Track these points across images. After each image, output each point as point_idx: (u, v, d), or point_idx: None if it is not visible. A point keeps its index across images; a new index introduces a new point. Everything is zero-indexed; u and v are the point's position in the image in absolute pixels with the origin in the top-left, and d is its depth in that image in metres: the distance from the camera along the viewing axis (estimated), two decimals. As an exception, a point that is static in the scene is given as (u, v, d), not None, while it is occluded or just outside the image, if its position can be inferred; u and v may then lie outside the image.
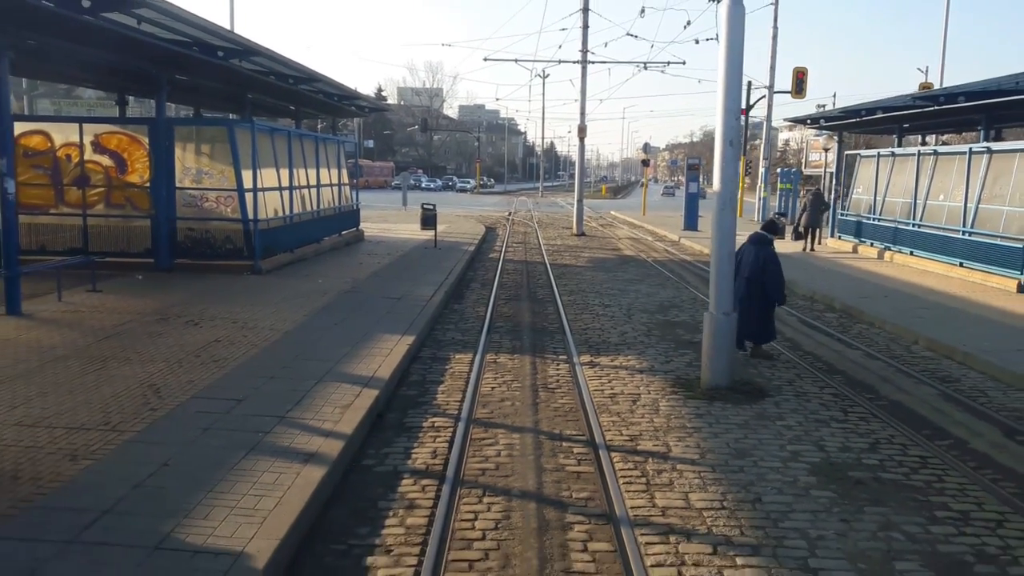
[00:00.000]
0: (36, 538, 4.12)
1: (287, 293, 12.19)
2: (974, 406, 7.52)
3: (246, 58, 14.23)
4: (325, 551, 4.44)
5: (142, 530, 4.24)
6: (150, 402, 6.46)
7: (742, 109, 39.75)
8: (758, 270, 9.08)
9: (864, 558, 4.43)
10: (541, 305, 12.82)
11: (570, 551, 4.49)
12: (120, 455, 5.32)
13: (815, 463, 5.89)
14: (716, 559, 4.40)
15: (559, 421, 6.84)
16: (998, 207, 14.53)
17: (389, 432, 6.46)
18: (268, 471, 5.10)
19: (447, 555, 4.39)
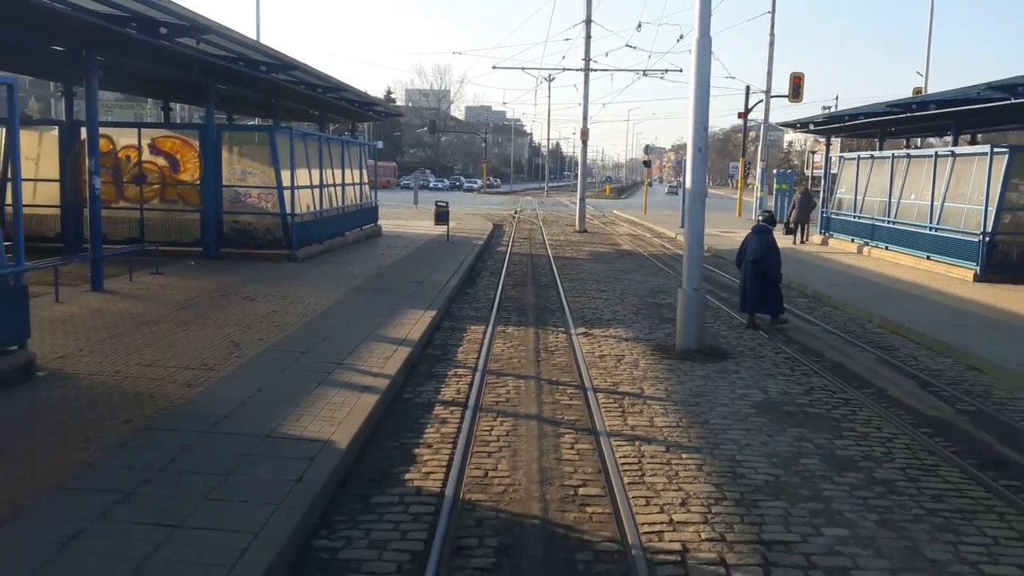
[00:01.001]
0: (182, 430, 5.79)
1: (323, 277, 13.88)
2: (902, 367, 9.13)
3: (284, 71, 15.95)
4: (384, 445, 6.10)
5: (255, 427, 5.91)
6: (234, 352, 8.15)
7: (740, 113, 41.38)
8: (761, 254, 10.93)
9: (777, 456, 6.06)
10: (544, 290, 14.46)
11: (561, 448, 6.14)
12: (223, 384, 7.00)
13: (757, 401, 7.52)
14: (668, 455, 6.03)
15: (556, 372, 8.49)
16: (960, 205, 16.10)
17: (421, 378, 8.11)
18: (336, 396, 6.76)
19: (472, 448, 6.05)
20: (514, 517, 4.91)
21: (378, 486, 5.31)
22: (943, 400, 7.79)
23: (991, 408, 7.51)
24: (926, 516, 5.02)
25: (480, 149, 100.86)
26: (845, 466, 5.88)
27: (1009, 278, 14.63)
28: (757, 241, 11.22)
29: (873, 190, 20.15)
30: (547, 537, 4.67)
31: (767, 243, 11.20)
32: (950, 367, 9.15)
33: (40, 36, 11.41)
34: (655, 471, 5.68)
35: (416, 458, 5.86)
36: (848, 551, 4.51)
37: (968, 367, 9.13)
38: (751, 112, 42.08)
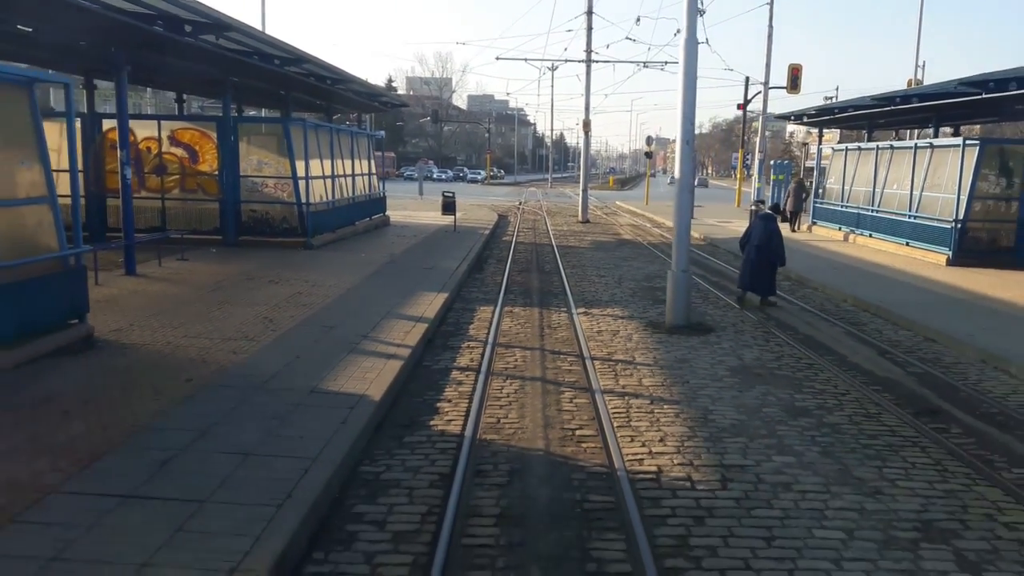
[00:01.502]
0: (237, 386, 6.82)
1: (339, 263, 14.90)
2: (865, 338, 10.14)
3: (295, 64, 16.89)
4: (410, 400, 7.12)
5: (298, 384, 6.94)
6: (269, 326, 9.18)
7: (739, 104, 42.24)
8: (766, 240, 12.04)
9: (744, 406, 7.09)
10: (547, 275, 15.47)
11: (561, 402, 7.17)
12: (264, 352, 8.03)
13: (732, 366, 8.54)
14: (651, 406, 7.06)
15: (558, 344, 9.52)
16: (936, 194, 17.08)
17: (438, 349, 9.14)
18: (365, 362, 7.78)
19: (485, 402, 7.07)
20: (522, 451, 5.94)
21: (408, 430, 6.35)
22: (897, 364, 8.82)
23: (937, 371, 8.54)
24: (860, 448, 6.05)
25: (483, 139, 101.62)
26: (800, 413, 6.91)
27: (978, 262, 15.65)
28: (763, 228, 12.28)
29: (859, 180, 21.13)
30: (549, 464, 5.70)
31: (772, 229, 12.28)
32: (909, 339, 10.17)
33: (72, 33, 12.33)
34: (640, 418, 6.71)
35: (439, 410, 6.89)
36: (791, 472, 5.55)
37: (925, 339, 10.15)
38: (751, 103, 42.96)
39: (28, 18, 10.66)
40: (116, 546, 4.04)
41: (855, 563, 4.36)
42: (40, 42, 12.91)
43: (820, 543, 4.58)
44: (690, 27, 10.50)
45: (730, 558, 4.39)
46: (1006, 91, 15.06)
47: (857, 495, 5.24)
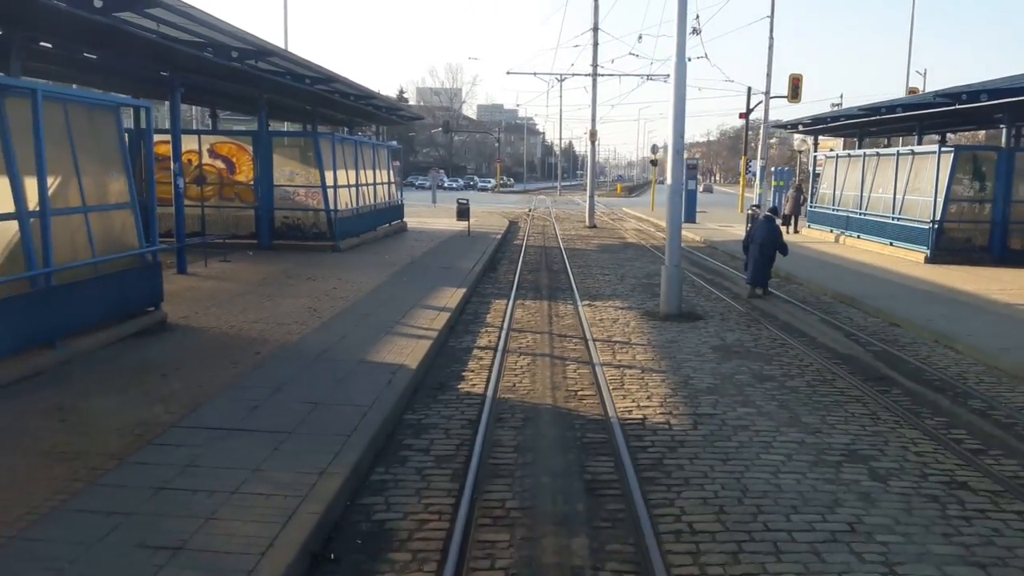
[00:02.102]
0: (298, 358, 8.24)
1: (366, 264, 16.34)
2: (836, 324, 11.47)
3: (324, 83, 18.40)
4: (439, 371, 8.52)
5: (348, 356, 8.34)
6: (315, 314, 10.61)
7: (742, 114, 43.58)
8: (769, 238, 13.53)
9: (719, 374, 8.44)
10: (556, 274, 16.85)
11: (566, 372, 8.55)
12: (315, 333, 9.45)
13: (714, 345, 9.90)
14: (642, 374, 8.43)
15: (564, 329, 10.90)
16: (917, 198, 18.37)
17: (460, 333, 10.53)
18: (400, 341, 9.18)
19: (503, 372, 8.46)
20: (534, 405, 7.33)
21: (440, 391, 7.74)
22: (859, 344, 10.15)
23: (893, 349, 9.86)
24: (811, 403, 7.41)
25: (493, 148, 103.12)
26: (766, 379, 8.26)
27: (954, 260, 16.93)
28: (765, 228, 13.84)
29: (849, 185, 22.43)
30: (556, 414, 7.08)
31: (773, 228, 13.90)
32: (875, 324, 11.49)
33: (134, 59, 13.83)
34: (631, 383, 8.08)
35: (464, 377, 8.28)
36: (750, 418, 6.90)
37: (890, 324, 11.47)
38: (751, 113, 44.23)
39: (99, 47, 12.14)
40: (232, 459, 5.44)
41: (788, 475, 5.71)
42: (98, 66, 14.43)
43: (764, 463, 5.93)
44: (679, 50, 11.91)
45: (694, 471, 5.75)
46: (977, 102, 16.35)
47: (800, 433, 6.59)
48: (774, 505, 5.20)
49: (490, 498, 5.26)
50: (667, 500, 5.26)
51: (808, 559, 4.50)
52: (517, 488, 5.45)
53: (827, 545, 4.67)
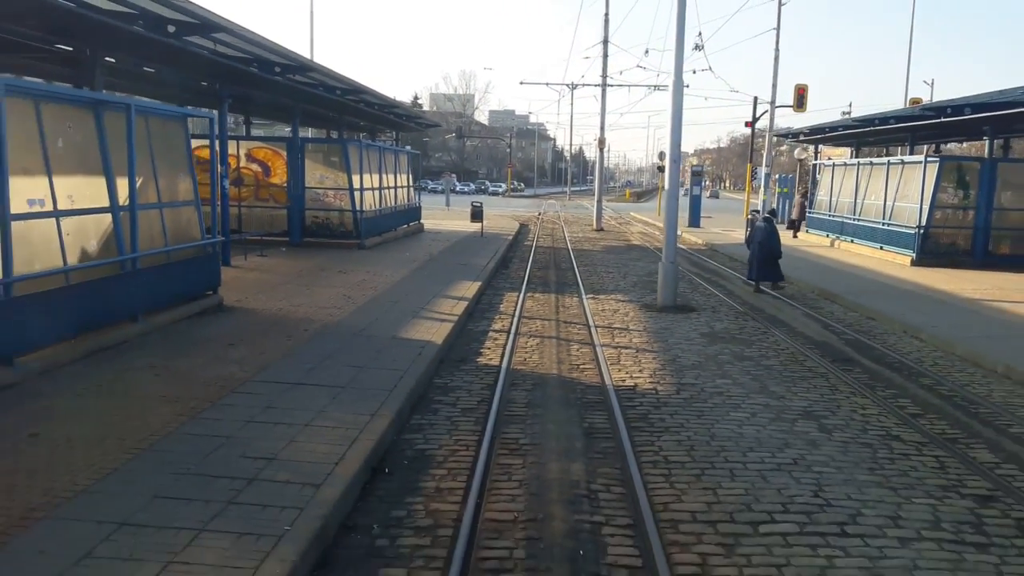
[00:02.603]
0: (340, 335, 9.58)
1: (389, 260, 17.71)
2: (817, 317, 12.71)
3: (353, 94, 19.80)
4: (460, 348, 9.84)
5: (382, 334, 9.68)
6: (349, 300, 11.96)
7: (747, 122, 44.74)
8: (767, 238, 14.98)
9: (704, 354, 9.71)
10: (563, 272, 18.15)
11: (570, 350, 9.86)
12: (352, 316, 10.80)
13: (703, 332, 11.17)
14: (636, 353, 9.72)
15: (569, 317, 12.20)
16: (905, 204, 19.57)
17: (477, 319, 11.85)
18: (426, 323, 10.51)
19: (515, 350, 9.77)
20: (542, 374, 8.64)
21: (462, 363, 9.06)
22: (834, 333, 11.40)
23: (864, 338, 11.11)
24: (780, 378, 8.69)
25: (504, 153, 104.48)
26: (744, 358, 9.55)
27: (938, 262, 18.11)
28: (764, 229, 15.31)
29: (844, 193, 23.64)
30: (560, 381, 8.39)
31: (771, 230, 15.39)
32: (853, 318, 12.74)
33: (191, 73, 15.25)
34: (626, 360, 9.38)
35: (482, 353, 9.60)
36: (725, 387, 8.19)
37: (866, 318, 12.71)
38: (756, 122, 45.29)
39: (163, 64, 13.54)
40: (300, 404, 6.77)
41: (750, 426, 6.99)
42: (156, 79, 15.88)
43: (731, 418, 7.21)
44: (677, 69, 13.24)
45: (673, 423, 7.03)
46: (961, 115, 17.56)
47: (765, 399, 7.87)
48: (735, 446, 6.48)
49: (507, 437, 6.57)
50: (648, 441, 6.55)
51: (755, 480, 5.78)
52: (528, 431, 6.76)
53: (772, 472, 5.95)
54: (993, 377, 9.06)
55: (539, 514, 5.12)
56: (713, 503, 5.33)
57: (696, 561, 4.54)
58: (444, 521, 4.97)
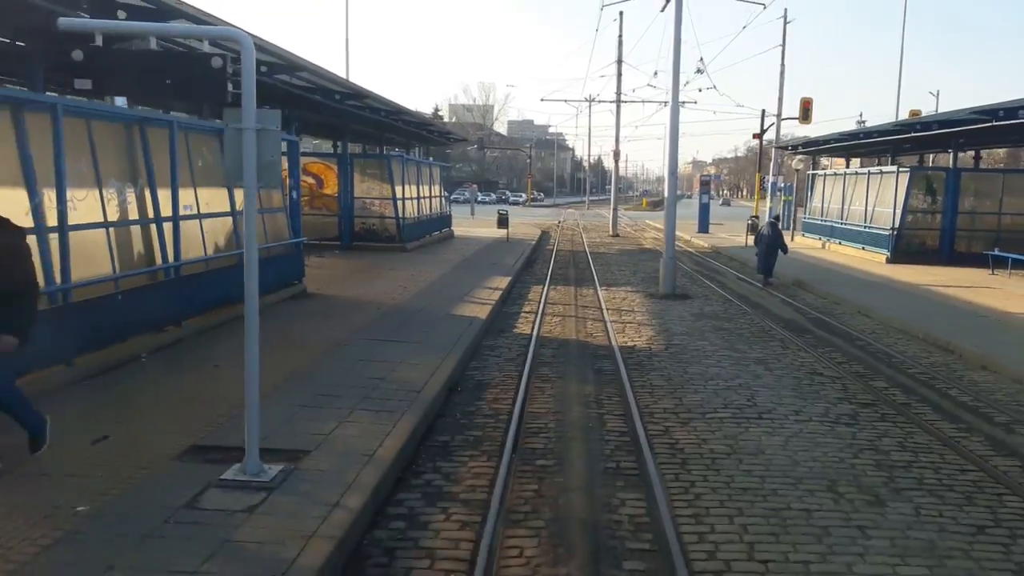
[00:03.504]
0: (403, 312, 12.33)
1: (429, 260, 20.48)
2: (790, 302, 15.28)
3: (396, 116, 22.62)
4: (499, 322, 12.54)
5: (437, 313, 12.41)
6: (405, 289, 14.72)
7: (755, 135, 47.18)
8: (774, 239, 17.50)
9: (691, 327, 12.34)
10: (581, 270, 20.81)
11: (587, 324, 12.53)
12: (410, 300, 13.55)
13: (694, 313, 13.80)
14: (638, 326, 12.37)
15: (586, 303, 14.87)
16: (883, 209, 22.05)
17: (510, 304, 14.55)
18: (470, 305, 13.22)
19: (542, 324, 12.45)
20: (564, 339, 11.32)
21: (502, 332, 11.75)
22: (801, 314, 13.98)
23: (825, 316, 13.67)
24: (745, 341, 11.31)
25: (523, 164, 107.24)
26: (722, 329, 12.18)
27: (909, 260, 20.57)
28: (770, 231, 17.99)
29: (833, 200, 26.14)
30: (577, 343, 11.07)
31: (777, 232, 18.07)
32: (820, 303, 15.30)
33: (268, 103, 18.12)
34: (630, 331, 12.03)
35: (516, 326, 12.30)
36: (701, 347, 10.84)
37: (832, 302, 15.26)
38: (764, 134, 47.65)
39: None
40: (391, 352, 9.48)
41: (713, 368, 9.60)
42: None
43: (701, 364, 9.83)
44: (674, 93, 15.92)
45: (659, 367, 9.67)
46: (930, 131, 20.04)
47: (730, 352, 10.49)
48: (700, 378, 9.12)
49: (539, 374, 9.25)
50: (640, 376, 9.19)
51: (709, 394, 8.39)
52: (555, 371, 9.44)
53: (722, 390, 8.56)
54: (913, 340, 11.63)
55: (563, 408, 7.80)
56: (678, 405, 7.98)
57: (661, 431, 7.17)
58: (502, 411, 7.65)
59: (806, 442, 6.91)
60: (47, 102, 7.62)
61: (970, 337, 11.26)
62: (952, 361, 10.37)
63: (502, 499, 5.52)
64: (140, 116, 9.83)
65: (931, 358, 10.55)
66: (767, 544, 4.97)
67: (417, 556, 4.76)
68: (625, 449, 6.69)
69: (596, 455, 6.57)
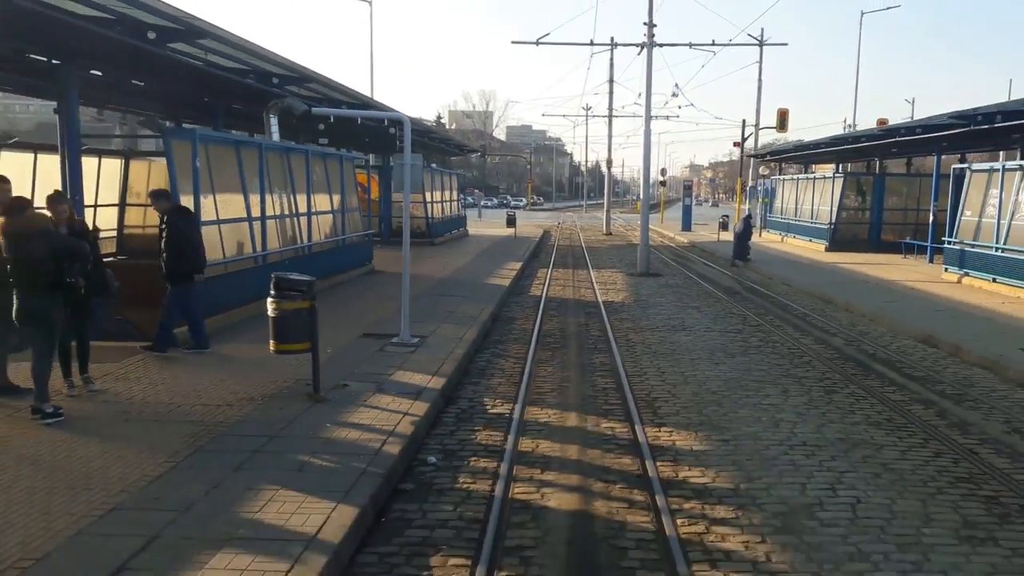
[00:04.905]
0: (449, 282, 17.22)
1: (455, 252, 25.37)
2: (738, 279, 20.15)
3: (426, 135, 27.53)
4: (517, 289, 17.42)
5: (473, 281, 17.30)
6: (446, 268, 19.63)
7: (735, 143, 52.09)
8: (744, 231, 22.36)
9: (656, 292, 17.23)
10: (577, 258, 25.69)
11: (580, 290, 17.43)
12: (451, 275, 18.48)
13: (660, 284, 18.69)
14: (618, 291, 17.26)
15: (580, 279, 19.77)
16: (824, 207, 26.94)
17: (523, 279, 19.43)
18: (495, 279, 18.11)
19: (548, 291, 17.34)
20: (564, 298, 16.22)
21: (520, 294, 16.64)
22: (740, 284, 18.87)
23: (756, 286, 18.55)
24: (692, 298, 16.24)
25: (523, 169, 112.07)
26: (677, 293, 17.10)
27: (843, 248, 25.44)
28: (743, 225, 23.02)
29: (791, 200, 31.03)
30: (574, 300, 15.97)
31: (748, 227, 23.06)
32: (759, 278, 20.19)
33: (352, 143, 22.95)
34: (611, 293, 16.93)
35: (530, 291, 17.19)
36: (660, 302, 15.77)
37: (767, 277, 20.15)
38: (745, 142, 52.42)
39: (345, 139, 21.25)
40: (447, 302, 14.33)
41: (665, 311, 14.48)
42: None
43: (656, 310, 14.71)
44: (647, 115, 20.83)
45: (630, 313, 14.53)
46: (859, 143, 24.91)
47: (679, 304, 15.37)
48: (653, 315, 13.98)
49: (548, 315, 14.11)
50: (614, 315, 14.04)
51: (657, 321, 13.25)
52: (559, 312, 14.31)
53: (665, 320, 13.42)
54: (810, 297, 16.53)
55: (564, 328, 12.70)
56: (635, 326, 12.86)
57: (623, 335, 12.02)
58: (526, 330, 12.52)
59: (706, 340, 11.80)
60: (254, 142, 12.54)
61: (848, 294, 16.14)
62: (827, 307, 15.28)
63: (533, 356, 10.37)
64: (287, 147, 14.69)
65: (814, 305, 15.45)
66: (668, 370, 9.81)
67: (495, 374, 9.61)
68: (601, 341, 11.58)
69: (584, 343, 11.46)
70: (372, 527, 5.14)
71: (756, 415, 7.82)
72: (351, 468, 5.69)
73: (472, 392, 8.69)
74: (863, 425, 7.56)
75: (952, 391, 8.95)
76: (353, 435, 6.49)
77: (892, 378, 9.55)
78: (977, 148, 24.24)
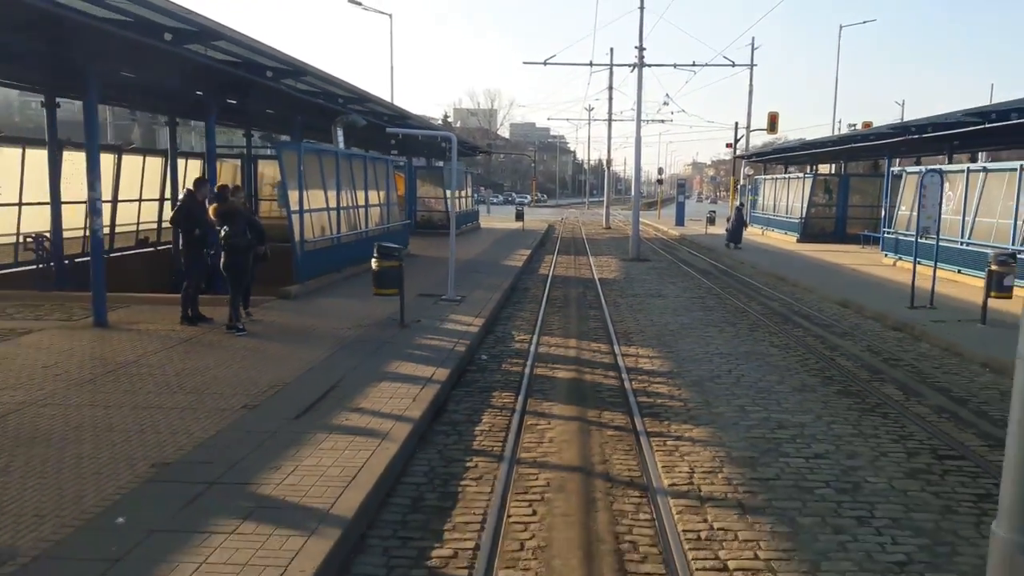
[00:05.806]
0: (473, 263, 20.99)
1: (472, 241, 29.14)
2: (715, 264, 23.86)
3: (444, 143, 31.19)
4: (529, 268, 21.19)
5: (493, 262, 21.08)
6: (470, 251, 23.39)
7: (728, 144, 55.74)
8: (738, 220, 26.16)
9: (644, 273, 20.97)
10: (579, 247, 29.42)
11: (580, 270, 21.17)
12: (474, 257, 22.25)
13: (648, 267, 22.43)
14: (613, 272, 21.00)
15: (580, 263, 23.52)
16: (796, 204, 30.61)
17: (533, 263, 23.18)
18: (510, 261, 21.87)
19: (554, 270, 21.10)
20: (568, 276, 19.98)
21: (532, 273, 20.40)
22: (715, 267, 22.60)
23: (728, 269, 22.27)
24: (670, 277, 19.97)
25: (527, 166, 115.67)
26: (661, 273, 20.85)
27: (812, 240, 29.13)
28: (736, 214, 26.83)
29: (769, 198, 34.71)
30: (576, 277, 19.72)
31: (740, 215, 26.96)
32: (732, 263, 23.90)
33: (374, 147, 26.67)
34: (606, 273, 20.68)
35: (539, 270, 20.95)
36: (644, 279, 19.52)
37: (739, 262, 23.86)
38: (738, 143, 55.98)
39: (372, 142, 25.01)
40: (473, 278, 18.06)
41: (647, 284, 18.21)
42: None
43: (640, 284, 18.44)
44: (637, 129, 24.56)
45: (619, 286, 18.27)
46: (823, 148, 28.56)
47: (659, 281, 19.09)
48: (638, 288, 17.72)
49: (554, 285, 17.86)
50: (608, 287, 17.77)
51: (640, 291, 16.98)
52: (563, 285, 18.07)
53: (646, 290, 17.14)
54: (770, 277, 20.24)
55: (567, 295, 16.45)
56: (622, 294, 16.61)
57: (612, 301, 15.74)
58: (538, 295, 16.28)
59: (674, 303, 15.53)
60: (332, 151, 16.34)
61: (800, 274, 19.85)
62: (779, 283, 19.02)
63: (544, 310, 14.11)
64: (350, 154, 18.42)
65: (768, 282, 19.18)
66: (642, 320, 13.52)
67: (518, 319, 13.36)
68: (594, 302, 15.34)
69: (581, 303, 15.20)
70: (456, 383, 8.89)
71: (696, 342, 11.56)
72: (440, 354, 9.45)
73: (502, 329, 12.45)
74: (764, 345, 11.31)
75: (840, 331, 12.68)
76: (435, 342, 10.25)
77: (803, 324, 13.28)
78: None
